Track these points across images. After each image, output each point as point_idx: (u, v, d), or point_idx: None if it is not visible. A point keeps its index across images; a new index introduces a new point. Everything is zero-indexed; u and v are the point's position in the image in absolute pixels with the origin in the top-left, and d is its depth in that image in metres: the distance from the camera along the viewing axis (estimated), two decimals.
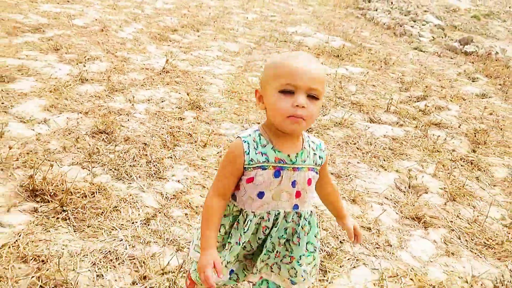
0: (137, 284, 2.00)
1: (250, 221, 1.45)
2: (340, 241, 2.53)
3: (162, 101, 4.10)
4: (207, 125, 3.76)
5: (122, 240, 2.25)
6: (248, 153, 1.37)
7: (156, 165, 2.97)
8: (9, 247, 2.05)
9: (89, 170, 2.77)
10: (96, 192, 2.56)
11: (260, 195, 1.41)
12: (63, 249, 2.11)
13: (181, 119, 3.79)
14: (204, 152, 3.27)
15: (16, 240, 2.10)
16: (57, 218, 2.30)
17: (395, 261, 2.47)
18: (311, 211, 1.55)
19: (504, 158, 4.11)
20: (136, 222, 2.39)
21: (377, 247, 2.56)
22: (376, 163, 3.60)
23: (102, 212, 2.41)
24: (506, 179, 3.70)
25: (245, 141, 1.40)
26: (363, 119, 4.54)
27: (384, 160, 3.67)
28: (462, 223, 2.95)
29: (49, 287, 1.87)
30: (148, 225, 2.40)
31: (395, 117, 4.72)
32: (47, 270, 1.95)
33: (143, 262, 2.11)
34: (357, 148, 3.82)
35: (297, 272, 1.54)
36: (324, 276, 2.24)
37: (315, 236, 1.59)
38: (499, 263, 2.60)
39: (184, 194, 2.73)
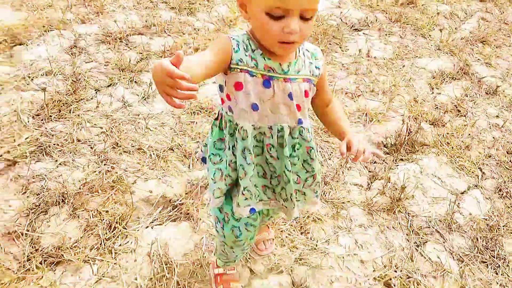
0: None
1: (250, 135, 1.26)
2: None
3: None
4: None
5: None
6: (237, 52, 1.17)
7: None
8: None
9: None
10: None
11: (254, 106, 1.22)
12: None
13: None
14: None
15: None
16: None
17: None
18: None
19: None
20: None
21: None
22: None
23: None
24: None
25: (233, 39, 1.19)
26: None
27: None
28: None
29: None
30: None
31: None
32: None
33: None
34: None
35: (319, 184, 1.44)
36: None
37: None
38: None
39: None
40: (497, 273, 1.93)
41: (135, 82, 2.69)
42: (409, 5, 4.23)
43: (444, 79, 3.22)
